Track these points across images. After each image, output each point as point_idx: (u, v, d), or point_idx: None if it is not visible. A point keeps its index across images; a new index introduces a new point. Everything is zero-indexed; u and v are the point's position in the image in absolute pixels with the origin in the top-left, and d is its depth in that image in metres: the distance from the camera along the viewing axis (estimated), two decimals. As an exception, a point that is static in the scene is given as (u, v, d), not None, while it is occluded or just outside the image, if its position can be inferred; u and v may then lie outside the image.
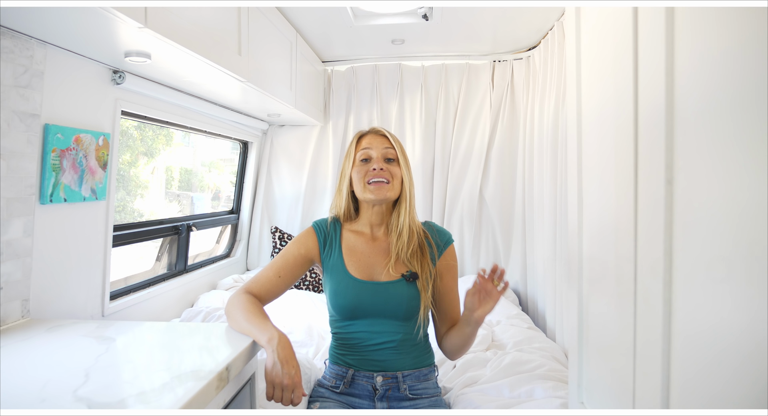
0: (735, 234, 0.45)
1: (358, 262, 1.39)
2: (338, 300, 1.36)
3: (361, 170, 1.37)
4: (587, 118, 0.88)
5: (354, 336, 1.37)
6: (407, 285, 1.35)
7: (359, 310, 1.35)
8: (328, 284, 1.40)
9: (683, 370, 0.54)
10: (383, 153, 1.38)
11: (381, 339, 1.35)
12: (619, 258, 0.72)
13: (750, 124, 0.43)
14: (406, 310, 1.34)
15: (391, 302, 1.34)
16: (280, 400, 1.07)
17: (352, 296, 1.35)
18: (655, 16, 0.59)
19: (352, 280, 1.36)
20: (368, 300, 1.34)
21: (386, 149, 1.38)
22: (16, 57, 1.21)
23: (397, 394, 1.35)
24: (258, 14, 1.96)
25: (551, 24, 2.38)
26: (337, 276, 1.38)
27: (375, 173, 1.35)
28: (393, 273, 1.37)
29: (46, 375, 0.90)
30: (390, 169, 1.37)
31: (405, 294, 1.34)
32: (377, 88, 3.07)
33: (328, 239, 1.42)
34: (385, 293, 1.34)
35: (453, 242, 1.46)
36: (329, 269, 1.40)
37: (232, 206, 3.02)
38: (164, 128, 2.44)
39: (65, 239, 1.44)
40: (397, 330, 1.35)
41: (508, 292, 2.74)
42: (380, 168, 1.35)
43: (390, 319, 1.35)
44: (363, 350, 1.37)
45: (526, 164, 2.77)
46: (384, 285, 1.35)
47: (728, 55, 0.46)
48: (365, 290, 1.35)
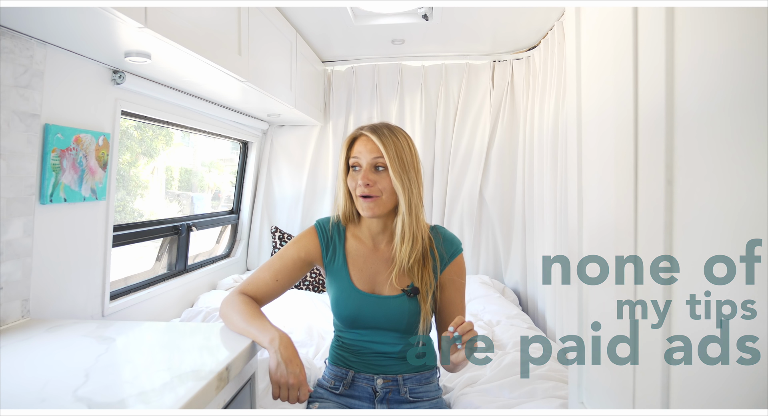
0: (735, 234, 0.45)
1: (361, 272, 1.35)
2: (340, 310, 1.34)
3: (353, 180, 1.29)
4: (587, 118, 0.88)
5: (355, 343, 1.36)
6: (408, 300, 1.31)
7: (360, 321, 1.33)
8: (332, 289, 1.37)
9: (683, 370, 0.54)
10: (372, 162, 1.27)
11: (382, 349, 1.34)
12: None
13: (750, 124, 0.43)
14: (407, 325, 1.32)
15: (392, 317, 1.31)
16: (287, 399, 1.07)
17: (353, 307, 1.32)
18: (655, 16, 0.59)
19: (354, 291, 1.33)
20: (369, 313, 1.31)
21: (375, 158, 1.26)
22: (16, 57, 1.21)
23: (397, 397, 1.34)
24: (258, 14, 1.96)
25: (551, 24, 2.38)
26: (341, 284, 1.35)
27: (362, 190, 1.26)
28: (395, 286, 1.33)
29: (46, 375, 0.90)
30: (378, 181, 1.26)
31: (406, 310, 1.31)
32: (377, 88, 3.07)
33: (331, 243, 1.37)
34: (386, 307, 1.31)
35: (462, 252, 1.40)
36: (333, 273, 1.37)
37: (232, 206, 3.02)
38: (164, 128, 2.44)
39: (65, 239, 1.44)
40: (398, 341, 1.34)
41: (508, 292, 2.75)
42: (366, 184, 1.25)
43: (391, 331, 1.33)
44: (364, 355, 1.36)
45: (526, 164, 2.77)
46: (385, 300, 1.32)
47: (728, 55, 0.46)
48: (367, 302, 1.32)
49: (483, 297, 2.51)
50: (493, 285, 2.74)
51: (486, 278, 2.81)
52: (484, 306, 2.39)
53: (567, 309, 1.99)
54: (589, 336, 0.88)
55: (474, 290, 2.58)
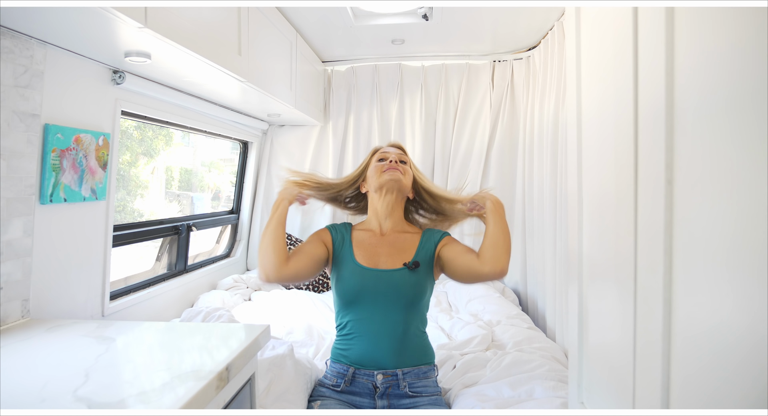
0: (735, 234, 0.45)
1: (366, 252, 1.48)
2: (343, 284, 1.43)
3: (378, 166, 1.53)
4: (587, 118, 0.88)
5: (356, 325, 1.40)
6: (409, 273, 1.42)
7: (362, 294, 1.40)
8: (336, 272, 1.48)
9: (683, 370, 0.54)
10: (398, 156, 1.56)
11: (382, 330, 1.38)
12: (619, 258, 0.72)
13: (750, 123, 0.43)
14: (407, 296, 1.40)
15: (393, 288, 1.40)
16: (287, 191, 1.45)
17: (356, 280, 1.42)
18: (655, 16, 0.59)
19: (358, 266, 1.44)
20: (371, 285, 1.41)
21: (400, 154, 1.58)
22: (16, 57, 1.21)
23: (397, 392, 1.36)
24: (258, 14, 1.96)
25: (551, 24, 2.38)
26: (345, 263, 1.46)
27: (390, 165, 1.51)
28: (397, 263, 1.45)
29: (46, 375, 0.90)
30: (403, 167, 1.54)
31: (406, 282, 1.41)
32: (377, 88, 3.07)
33: (340, 235, 1.54)
34: (387, 279, 1.41)
35: (449, 234, 1.57)
36: (338, 259, 1.48)
37: (232, 206, 3.02)
38: (164, 128, 2.44)
39: (65, 239, 1.44)
40: (398, 319, 1.39)
41: (508, 292, 2.75)
42: (396, 160, 1.53)
43: (391, 306, 1.39)
44: (364, 342, 1.38)
45: (526, 164, 2.77)
46: (387, 272, 1.43)
47: (728, 55, 0.46)
48: (369, 275, 1.42)
49: (483, 297, 2.51)
50: (493, 285, 2.74)
51: (486, 278, 2.80)
52: (484, 306, 2.39)
53: (567, 309, 1.99)
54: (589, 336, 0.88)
55: (474, 290, 2.58)
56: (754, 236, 0.42)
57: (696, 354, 0.52)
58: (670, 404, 0.57)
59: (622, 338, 0.71)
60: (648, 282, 0.62)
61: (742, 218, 0.44)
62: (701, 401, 0.51)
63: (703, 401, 0.50)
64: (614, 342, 0.75)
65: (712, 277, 0.49)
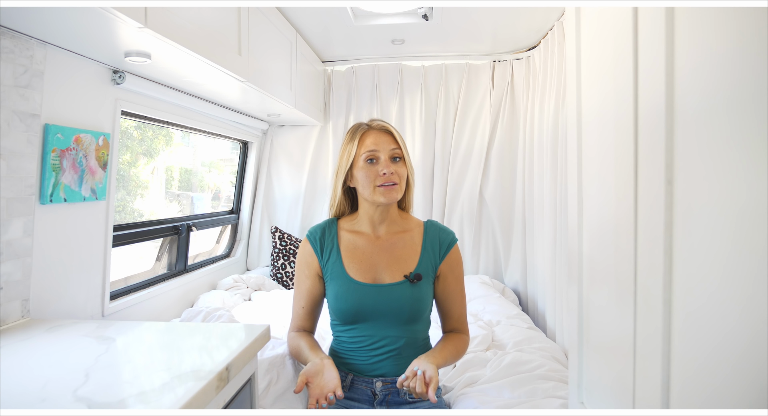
0: (735, 234, 0.45)
1: (360, 263, 1.37)
2: (339, 304, 1.34)
3: (369, 173, 1.32)
4: (587, 118, 0.88)
5: (355, 341, 1.36)
6: (411, 287, 1.33)
7: (361, 314, 1.33)
8: (330, 288, 1.38)
9: (683, 370, 0.54)
10: (390, 154, 1.34)
11: (382, 345, 1.34)
12: (619, 258, 0.72)
13: (750, 124, 0.43)
14: (410, 312, 1.32)
15: (395, 304, 1.32)
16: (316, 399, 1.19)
17: (354, 300, 1.33)
18: (655, 16, 0.59)
19: (353, 283, 1.34)
20: (371, 304, 1.32)
21: (393, 149, 1.34)
22: (16, 57, 1.21)
23: (396, 399, 1.34)
24: (258, 14, 1.96)
25: (551, 24, 2.38)
26: (338, 280, 1.36)
27: (386, 178, 1.31)
28: (396, 274, 1.35)
29: (46, 375, 0.90)
30: (397, 170, 1.34)
31: (408, 296, 1.32)
32: (377, 88, 3.07)
33: (325, 246, 1.40)
34: (388, 295, 1.32)
35: (457, 242, 1.43)
36: (330, 275, 1.38)
37: (232, 206, 3.02)
38: (164, 128, 2.44)
39: (65, 239, 1.44)
40: (400, 334, 1.34)
41: (508, 292, 2.75)
42: (390, 172, 1.31)
43: (393, 322, 1.33)
44: (364, 355, 1.36)
45: (526, 164, 2.77)
46: (387, 287, 1.33)
47: (728, 55, 0.46)
48: (368, 293, 1.33)
49: (483, 297, 2.51)
50: (493, 285, 2.74)
51: (486, 278, 2.81)
52: (484, 306, 2.39)
53: (567, 309, 1.99)
54: (590, 336, 0.88)
55: (474, 290, 2.58)
56: (754, 236, 0.42)
57: (696, 354, 0.52)
58: (670, 404, 0.57)
59: (622, 338, 0.71)
60: (648, 282, 0.62)
61: (742, 218, 0.44)
62: (701, 401, 0.51)
63: (703, 401, 0.50)
64: (614, 342, 0.75)
65: (712, 277, 0.49)
